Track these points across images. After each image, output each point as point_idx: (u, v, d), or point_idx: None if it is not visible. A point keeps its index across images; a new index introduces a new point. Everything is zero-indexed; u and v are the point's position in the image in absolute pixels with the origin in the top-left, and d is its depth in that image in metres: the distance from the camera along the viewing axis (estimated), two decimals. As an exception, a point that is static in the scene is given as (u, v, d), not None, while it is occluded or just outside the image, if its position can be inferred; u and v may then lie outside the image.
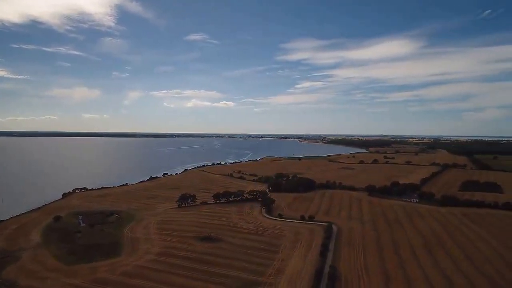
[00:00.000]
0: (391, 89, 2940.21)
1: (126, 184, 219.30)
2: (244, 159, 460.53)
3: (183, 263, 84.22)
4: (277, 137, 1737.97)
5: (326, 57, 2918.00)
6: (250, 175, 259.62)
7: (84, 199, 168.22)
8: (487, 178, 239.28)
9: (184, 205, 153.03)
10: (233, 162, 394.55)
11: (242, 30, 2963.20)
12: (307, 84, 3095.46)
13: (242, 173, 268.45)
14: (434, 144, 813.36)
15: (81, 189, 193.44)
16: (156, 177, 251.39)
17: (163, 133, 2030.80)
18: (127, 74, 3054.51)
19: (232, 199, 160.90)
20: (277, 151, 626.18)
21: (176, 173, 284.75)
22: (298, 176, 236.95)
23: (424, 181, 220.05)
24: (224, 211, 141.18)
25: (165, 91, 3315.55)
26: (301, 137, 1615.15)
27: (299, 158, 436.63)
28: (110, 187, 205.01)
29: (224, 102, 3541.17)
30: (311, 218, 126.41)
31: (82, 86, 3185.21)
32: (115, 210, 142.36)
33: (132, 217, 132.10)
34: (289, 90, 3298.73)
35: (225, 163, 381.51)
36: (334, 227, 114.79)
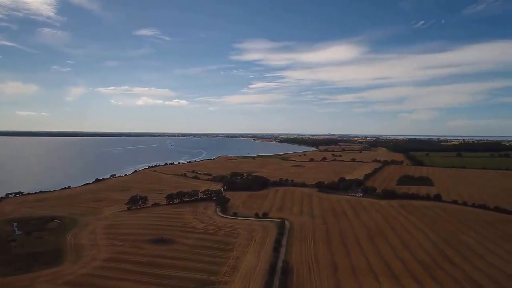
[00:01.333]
0: (338, 91, 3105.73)
1: (69, 187, 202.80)
2: (199, 158, 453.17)
3: (133, 268, 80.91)
4: (232, 136, 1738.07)
5: (279, 58, 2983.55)
6: (205, 174, 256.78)
7: (19, 205, 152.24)
8: (421, 173, 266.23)
9: (134, 207, 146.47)
10: (187, 162, 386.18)
11: (195, 27, 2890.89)
12: (260, 84, 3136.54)
13: (197, 173, 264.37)
14: (375, 143, 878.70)
15: (15, 193, 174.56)
16: (103, 178, 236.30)
17: (111, 133, 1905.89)
18: (68, 69, 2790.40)
19: (186, 199, 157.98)
20: (232, 150, 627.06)
21: (126, 174, 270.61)
22: (252, 174, 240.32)
23: (367, 176, 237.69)
24: (177, 212, 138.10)
25: (112, 87, 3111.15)
26: (256, 136, 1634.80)
27: (254, 157, 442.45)
28: (49, 191, 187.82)
29: (177, 100, 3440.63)
30: (265, 215, 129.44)
31: (16, 81, 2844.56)
32: (55, 216, 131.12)
33: (76, 223, 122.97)
34: (244, 90, 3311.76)
35: (179, 162, 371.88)
36: (286, 222, 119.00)
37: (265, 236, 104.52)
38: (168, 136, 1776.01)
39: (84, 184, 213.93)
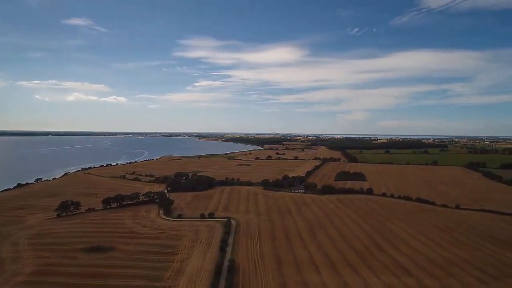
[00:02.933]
0: (282, 92, 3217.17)
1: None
2: (140, 159, 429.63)
3: (66, 280, 73.59)
4: (176, 136, 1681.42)
5: (224, 57, 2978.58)
6: (147, 175, 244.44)
7: None
8: (355, 169, 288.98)
9: (65, 214, 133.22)
10: (127, 163, 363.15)
11: (135, 20, 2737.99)
12: (206, 82, 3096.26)
13: (137, 174, 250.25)
14: (316, 141, 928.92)
15: None
16: (27, 183, 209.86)
17: (36, 131, 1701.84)
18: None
19: (126, 203, 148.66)
20: (176, 149, 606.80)
21: (54, 178, 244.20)
22: (198, 174, 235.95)
23: (309, 173, 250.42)
24: (116, 217, 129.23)
25: (37, 81, 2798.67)
26: (201, 136, 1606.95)
27: (199, 157, 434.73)
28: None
29: (114, 97, 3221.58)
30: (211, 215, 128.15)
31: None
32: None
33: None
34: (188, 88, 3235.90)
35: (117, 164, 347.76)
36: (233, 221, 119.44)
37: (211, 236, 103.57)
38: (105, 135, 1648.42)
39: (3, 190, 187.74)
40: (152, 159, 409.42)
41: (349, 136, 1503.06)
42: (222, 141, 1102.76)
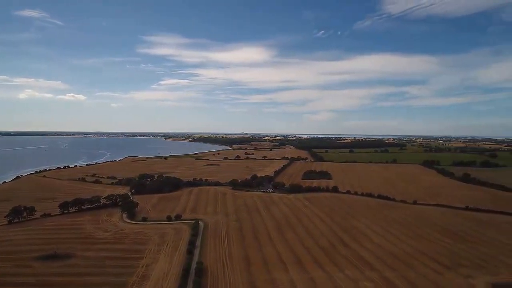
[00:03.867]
0: (250, 92, 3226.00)
1: None
2: (101, 160, 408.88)
3: (17, 292, 67.88)
4: (141, 136, 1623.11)
5: (191, 55, 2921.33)
6: (109, 178, 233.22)
7: None
8: (321, 167, 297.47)
9: (18, 220, 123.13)
10: (86, 164, 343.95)
11: (95, 13, 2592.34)
12: (172, 81, 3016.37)
13: (98, 176, 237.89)
14: (284, 141, 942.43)
15: None
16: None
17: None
18: None
19: (86, 207, 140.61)
20: (141, 150, 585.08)
21: (4, 182, 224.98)
22: (164, 175, 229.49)
23: (277, 172, 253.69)
24: (74, 222, 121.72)
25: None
26: (167, 135, 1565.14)
27: (166, 157, 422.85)
28: None
29: (72, 94, 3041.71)
30: (178, 217, 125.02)
31: None
32: None
33: None
34: (153, 86, 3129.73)
35: (76, 166, 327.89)
36: (201, 223, 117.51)
37: (178, 239, 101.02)
38: (61, 135, 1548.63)
39: None
40: (115, 160, 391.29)
41: (315, 136, 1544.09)
42: (189, 141, 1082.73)
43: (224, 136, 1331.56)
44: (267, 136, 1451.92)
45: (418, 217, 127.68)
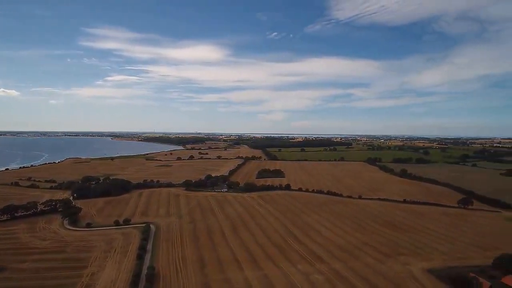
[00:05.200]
0: (204, 91, 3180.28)
1: None
2: (37, 162, 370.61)
3: None
4: (85, 135, 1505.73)
5: (141, 51, 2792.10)
6: (47, 181, 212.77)
7: None
8: (275, 166, 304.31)
9: None
10: (20, 167, 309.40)
11: (28, 1, 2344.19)
12: (120, 77, 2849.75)
13: (35, 180, 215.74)
14: (238, 140, 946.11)
15: None
16: None
17: None
18: None
19: (20, 214, 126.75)
20: (84, 151, 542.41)
21: None
22: (111, 178, 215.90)
23: (232, 172, 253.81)
24: (6, 231, 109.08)
25: None
26: (115, 135, 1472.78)
27: (113, 158, 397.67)
28: None
29: (3, 90, 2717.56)
30: (126, 221, 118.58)
31: None
32: None
33: None
34: (99, 82, 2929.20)
35: (7, 169, 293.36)
36: (152, 226, 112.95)
37: (128, 244, 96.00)
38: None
39: None
40: (54, 163, 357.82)
41: (269, 135, 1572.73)
42: (139, 141, 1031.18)
43: (177, 136, 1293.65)
44: (221, 135, 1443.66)
45: (362, 210, 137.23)
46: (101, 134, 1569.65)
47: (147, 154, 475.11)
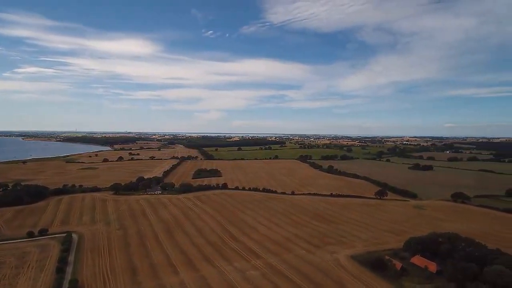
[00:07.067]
0: (135, 87, 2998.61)
1: None
2: None
3: None
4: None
5: (59, 41, 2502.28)
6: None
7: None
8: (212, 165, 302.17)
9: None
10: None
11: None
12: (33, 69, 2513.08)
13: None
14: (173, 140, 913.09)
15: None
16: None
17: None
18: None
19: None
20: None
21: None
22: (23, 183, 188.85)
23: (166, 173, 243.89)
24: None
25: None
26: (26, 134, 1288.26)
27: (24, 161, 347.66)
28: None
29: None
30: (43, 232, 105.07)
31: None
32: None
33: None
34: (6, 74, 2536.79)
35: None
36: (74, 236, 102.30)
37: (44, 257, 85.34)
38: None
39: None
40: None
41: (206, 134, 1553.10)
42: (57, 141, 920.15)
43: (104, 135, 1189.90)
44: (155, 135, 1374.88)
45: (294, 205, 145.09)
46: (9, 134, 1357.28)
47: (67, 156, 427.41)
